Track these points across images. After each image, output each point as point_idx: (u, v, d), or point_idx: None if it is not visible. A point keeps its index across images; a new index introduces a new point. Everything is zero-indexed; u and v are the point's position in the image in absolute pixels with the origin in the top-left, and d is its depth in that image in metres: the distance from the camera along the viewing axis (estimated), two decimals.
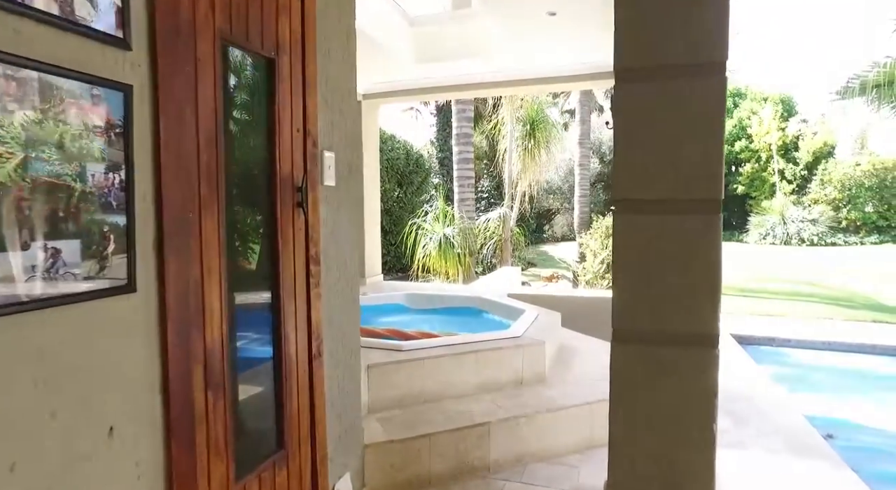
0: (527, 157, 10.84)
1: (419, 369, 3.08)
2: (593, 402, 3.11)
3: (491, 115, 12.31)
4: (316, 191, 2.02)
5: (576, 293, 5.96)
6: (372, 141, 6.34)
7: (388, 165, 12.51)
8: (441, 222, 9.16)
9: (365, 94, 6.04)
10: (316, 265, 2.03)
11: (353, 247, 2.38)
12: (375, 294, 5.44)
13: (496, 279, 7.34)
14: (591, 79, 5.16)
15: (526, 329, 3.78)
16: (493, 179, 19.05)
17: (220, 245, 1.51)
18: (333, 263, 2.19)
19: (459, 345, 3.34)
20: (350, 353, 2.32)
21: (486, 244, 10.73)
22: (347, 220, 2.32)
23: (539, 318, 4.21)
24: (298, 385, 1.92)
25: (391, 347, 3.25)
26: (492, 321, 4.76)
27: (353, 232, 2.38)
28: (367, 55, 4.83)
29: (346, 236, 2.30)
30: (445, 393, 3.15)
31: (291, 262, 1.88)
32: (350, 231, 2.35)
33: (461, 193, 10.64)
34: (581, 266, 10.65)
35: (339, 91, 2.21)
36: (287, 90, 1.84)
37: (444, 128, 17.78)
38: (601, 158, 22.20)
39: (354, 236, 2.38)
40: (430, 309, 5.22)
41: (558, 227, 23.74)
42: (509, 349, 3.37)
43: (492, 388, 3.29)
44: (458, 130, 10.52)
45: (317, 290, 2.03)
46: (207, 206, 1.46)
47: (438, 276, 8.95)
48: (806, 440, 3.31)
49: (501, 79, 5.46)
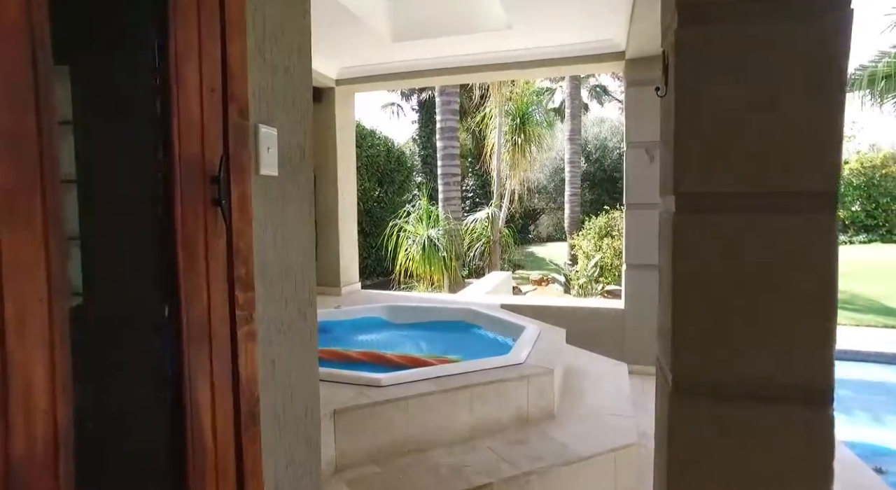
0: (516, 153, 10.21)
1: (401, 412, 2.44)
2: (618, 448, 2.51)
3: (477, 109, 11.68)
4: (245, 182, 1.37)
5: (576, 303, 5.37)
6: (347, 132, 5.67)
7: (368, 162, 11.82)
8: (425, 223, 8.51)
9: (338, 79, 5.37)
10: (246, 290, 1.38)
11: (308, 258, 1.73)
12: (351, 307, 4.77)
13: (486, 285, 6.72)
14: (597, 61, 4.57)
15: (528, 353, 3.16)
16: (478, 178, 18.45)
17: (48, 274, 0.85)
18: (277, 284, 1.54)
19: (451, 377, 2.71)
20: (305, 411, 1.67)
21: (474, 246, 10.09)
22: (298, 222, 1.67)
23: (542, 337, 3.60)
24: (219, 476, 1.27)
25: (366, 382, 2.61)
26: (485, 338, 4.14)
27: (307, 237, 1.73)
28: (338, 29, 4.18)
29: (296, 244, 1.65)
30: (434, 439, 2.51)
31: (203, 290, 1.23)
32: (303, 237, 1.71)
33: (446, 192, 9.99)
34: (573, 269, 10.10)
35: (283, 41, 1.56)
36: (191, 24, 1.19)
37: (427, 124, 17.18)
38: (587, 157, 21.77)
39: (308, 242, 1.73)
40: (413, 323, 4.58)
41: (543, 228, 23.25)
42: (511, 381, 2.75)
43: (491, 430, 2.67)
44: (443, 124, 9.88)
45: (248, 327, 1.38)
46: (17, 209, 0.81)
47: (422, 282, 8.29)
48: (858, 480, 2.76)
49: (491, 61, 4.84)
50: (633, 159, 4.50)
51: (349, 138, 5.74)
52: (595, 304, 5.04)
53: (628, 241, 4.60)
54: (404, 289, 8.49)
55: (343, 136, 5.57)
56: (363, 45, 4.62)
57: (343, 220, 5.59)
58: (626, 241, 4.62)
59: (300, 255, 1.68)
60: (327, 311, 4.60)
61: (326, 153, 5.48)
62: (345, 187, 5.61)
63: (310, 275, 1.72)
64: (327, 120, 5.46)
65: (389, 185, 12.70)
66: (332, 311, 4.60)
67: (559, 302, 5.29)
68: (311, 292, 1.73)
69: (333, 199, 5.49)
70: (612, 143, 24.81)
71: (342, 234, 5.56)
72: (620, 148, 24.89)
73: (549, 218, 23.24)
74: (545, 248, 19.02)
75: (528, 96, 10.53)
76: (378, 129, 12.63)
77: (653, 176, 4.44)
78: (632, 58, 4.38)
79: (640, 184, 4.49)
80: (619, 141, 25.02)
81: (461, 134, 13.72)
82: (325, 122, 5.46)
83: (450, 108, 9.89)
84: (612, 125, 26.06)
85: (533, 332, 3.66)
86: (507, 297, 6.24)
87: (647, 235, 4.50)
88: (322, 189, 5.51)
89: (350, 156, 5.77)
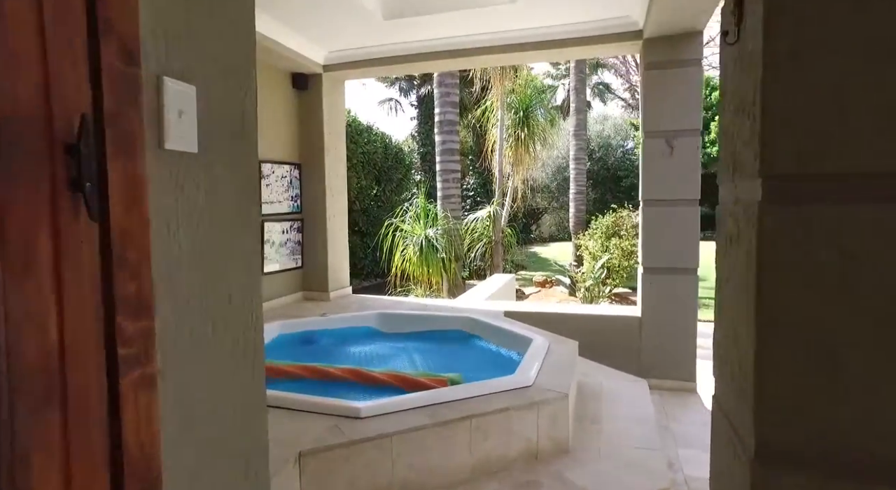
0: (519, 148, 9.72)
1: (384, 452, 1.99)
2: None
3: (477, 104, 11.21)
4: (136, 158, 0.92)
5: (586, 310, 4.91)
6: (336, 123, 5.22)
7: (365, 159, 11.38)
8: (422, 222, 8.05)
9: (326, 65, 4.92)
10: (139, 318, 0.93)
11: (250, 270, 1.28)
12: (339, 315, 4.32)
13: (487, 289, 6.27)
14: (609, 41, 4.11)
15: (537, 371, 2.72)
16: (479, 176, 17.98)
17: None
18: (198, 307, 1.10)
19: (446, 405, 2.27)
20: (245, 473, 1.23)
21: (475, 247, 9.61)
22: (235, 220, 1.23)
23: (551, 351, 3.15)
24: None
25: (342, 412, 2.16)
26: (487, 351, 3.69)
27: (249, 242, 1.28)
28: (324, 6, 3.73)
29: (231, 252, 1.21)
30: (427, 484, 2.07)
31: (50, 320, 0.79)
32: (244, 241, 1.26)
33: (445, 189, 9.52)
34: (579, 270, 9.63)
35: None
36: None
37: (427, 120, 16.75)
38: (589, 155, 21.31)
39: (250, 249, 1.28)
40: (408, 333, 4.14)
41: (546, 227, 22.79)
42: (519, 409, 2.31)
43: (495, 469, 2.22)
44: (441, 117, 9.40)
45: (143, 371, 0.93)
46: None
47: (420, 285, 7.83)
48: None
49: (492, 43, 4.38)
50: (650, 151, 4.05)
51: (338, 130, 5.28)
52: (608, 311, 4.59)
53: (645, 241, 4.15)
54: (401, 292, 8.04)
55: (332, 128, 5.12)
56: (351, 24, 4.17)
57: (332, 219, 5.14)
58: (643, 241, 4.17)
59: (238, 266, 1.23)
60: (311, 320, 4.16)
61: (313, 146, 5.03)
62: (333, 183, 5.16)
63: (253, 294, 1.27)
64: (314, 109, 5.01)
65: (387, 183, 12.25)
66: (316, 319, 4.16)
67: (568, 309, 4.83)
68: (254, 317, 1.28)
69: (321, 196, 5.04)
70: (615, 140, 24.36)
71: (331, 234, 5.11)
72: (624, 145, 24.44)
73: (552, 217, 22.80)
74: (548, 249, 18.57)
75: (535, 85, 10.03)
76: (375, 125, 12.19)
77: (672, 169, 3.99)
78: (651, 37, 3.93)
79: (659, 178, 4.04)
80: (622, 139, 24.56)
81: (461, 131, 13.27)
82: (312, 111, 5.01)
83: (449, 101, 9.43)
84: (615, 123, 25.62)
85: (541, 344, 3.22)
86: (511, 303, 5.79)
87: (666, 235, 4.06)
88: (308, 185, 5.06)
89: (339, 149, 5.31)
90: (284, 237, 4.85)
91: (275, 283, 4.78)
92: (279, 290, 4.83)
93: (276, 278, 4.79)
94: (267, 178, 4.62)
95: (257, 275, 1.31)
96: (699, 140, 3.99)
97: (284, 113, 4.89)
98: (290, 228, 4.93)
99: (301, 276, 5.12)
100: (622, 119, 26.19)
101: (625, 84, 28.79)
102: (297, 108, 5.02)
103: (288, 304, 4.86)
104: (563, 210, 20.78)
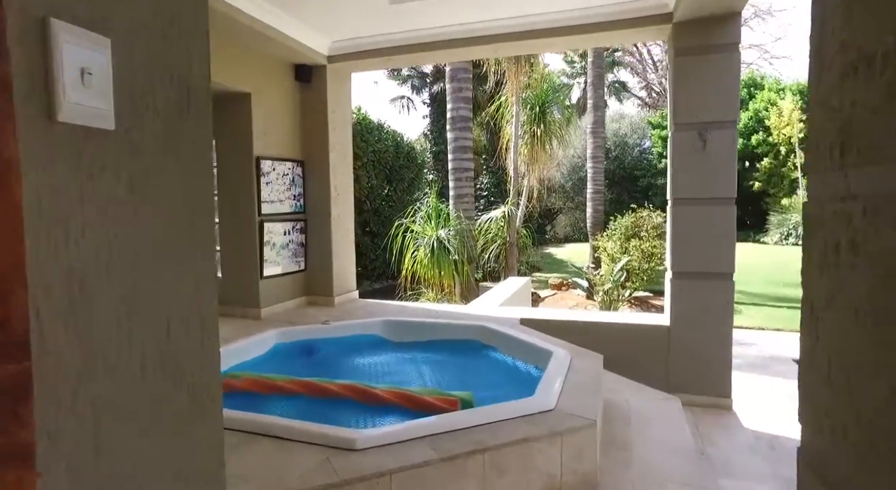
0: (535, 146, 9.38)
1: None
2: None
3: (491, 100, 10.88)
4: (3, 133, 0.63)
5: (610, 318, 4.57)
6: (341, 118, 4.94)
7: (375, 158, 11.12)
8: (434, 223, 7.74)
9: (330, 55, 4.64)
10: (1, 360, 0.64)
11: (203, 295, 0.98)
12: (343, 322, 4.04)
13: (502, 293, 5.95)
14: (635, 26, 3.78)
15: (559, 391, 2.40)
16: (493, 175, 17.64)
17: None
18: (111, 342, 0.80)
19: (455, 435, 1.96)
20: None
21: (489, 248, 9.29)
22: (178, 222, 0.93)
23: (573, 367, 2.83)
24: None
25: (335, 443, 1.87)
26: (503, 364, 3.38)
27: (202, 256, 0.98)
28: None
29: (163, 263, 0.91)
30: None
31: None
32: (187, 244, 0.96)
33: (458, 188, 9.21)
34: (597, 273, 9.27)
35: None
36: None
37: (439, 119, 16.48)
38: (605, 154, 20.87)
39: (204, 267, 0.98)
40: (416, 342, 3.84)
41: (560, 228, 22.38)
42: (540, 440, 1.99)
43: None
44: (454, 113, 9.10)
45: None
46: None
47: (431, 288, 7.53)
48: None
49: (506, 29, 4.07)
50: (680, 145, 3.71)
51: (344, 125, 5.00)
52: (633, 319, 4.25)
53: (674, 244, 3.81)
54: (411, 296, 7.74)
55: (336, 122, 4.84)
56: (356, 10, 3.88)
57: (337, 220, 4.86)
58: (672, 244, 3.83)
59: (183, 287, 0.93)
60: (312, 327, 3.88)
61: (317, 142, 4.76)
62: (339, 181, 4.88)
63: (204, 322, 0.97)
64: (317, 103, 4.73)
65: (399, 183, 11.98)
66: (317, 327, 3.88)
67: (589, 316, 4.50)
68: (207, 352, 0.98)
69: (325, 195, 4.76)
70: (632, 139, 23.87)
71: (335, 236, 4.83)
72: (641, 144, 23.94)
73: (567, 218, 22.38)
74: (563, 250, 18.16)
75: (546, 87, 9.69)
76: (387, 123, 11.93)
77: (705, 164, 3.64)
78: (682, 20, 3.58)
79: (690, 174, 3.70)
80: (638, 138, 24.06)
81: (475, 129, 12.95)
82: (316, 105, 4.74)
83: (461, 96, 9.12)
84: (631, 121, 25.12)
85: (563, 358, 2.90)
86: (527, 309, 5.46)
87: (698, 237, 3.71)
88: (311, 183, 4.79)
89: (345, 145, 5.03)
90: (286, 238, 4.59)
91: (276, 287, 4.51)
92: (280, 295, 4.56)
93: (277, 282, 4.52)
94: (267, 176, 4.35)
95: (210, 297, 1.00)
96: (736, 132, 3.64)
97: (286, 107, 4.61)
98: (292, 229, 4.66)
99: (304, 280, 4.85)
100: (639, 117, 25.67)
101: (641, 82, 28.28)
102: (299, 101, 4.75)
103: (289, 310, 4.59)
104: (579, 210, 20.34)
